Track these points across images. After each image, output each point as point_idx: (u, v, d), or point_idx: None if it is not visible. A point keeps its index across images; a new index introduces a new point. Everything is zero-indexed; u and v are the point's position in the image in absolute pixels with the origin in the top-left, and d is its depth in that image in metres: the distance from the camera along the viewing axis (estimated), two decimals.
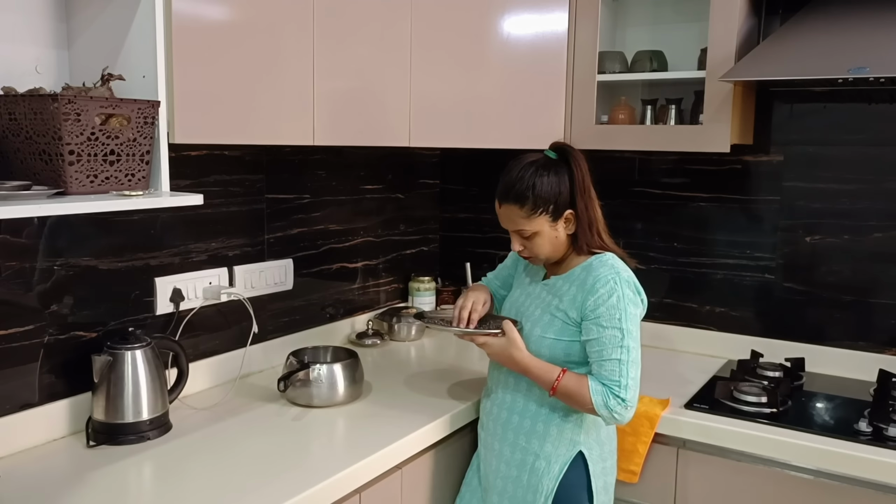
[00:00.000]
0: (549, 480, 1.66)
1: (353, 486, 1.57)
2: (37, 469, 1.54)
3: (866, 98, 2.18)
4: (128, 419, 1.66)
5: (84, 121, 1.35)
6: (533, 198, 1.63)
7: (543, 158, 1.68)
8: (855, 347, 2.25)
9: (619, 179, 2.56)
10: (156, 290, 1.88)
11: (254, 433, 1.74)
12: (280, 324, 2.25)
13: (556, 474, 1.66)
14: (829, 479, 1.73)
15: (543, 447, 1.68)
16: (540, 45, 2.24)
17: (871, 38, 1.87)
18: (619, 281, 1.61)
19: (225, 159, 2.03)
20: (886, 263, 2.19)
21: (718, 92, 2.07)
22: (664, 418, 1.90)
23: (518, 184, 1.64)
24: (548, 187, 1.63)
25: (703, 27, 2.16)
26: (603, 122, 2.34)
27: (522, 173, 1.65)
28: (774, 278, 2.35)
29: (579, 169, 1.66)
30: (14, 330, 1.60)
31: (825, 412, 1.97)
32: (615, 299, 1.60)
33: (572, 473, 1.67)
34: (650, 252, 2.54)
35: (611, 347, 1.59)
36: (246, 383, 2.06)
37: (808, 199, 2.28)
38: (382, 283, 2.67)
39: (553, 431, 1.67)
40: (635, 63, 2.30)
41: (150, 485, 1.51)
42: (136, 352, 1.68)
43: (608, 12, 2.39)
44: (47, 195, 1.34)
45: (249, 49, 1.66)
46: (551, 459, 1.67)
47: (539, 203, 1.63)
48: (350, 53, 1.93)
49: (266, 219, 2.17)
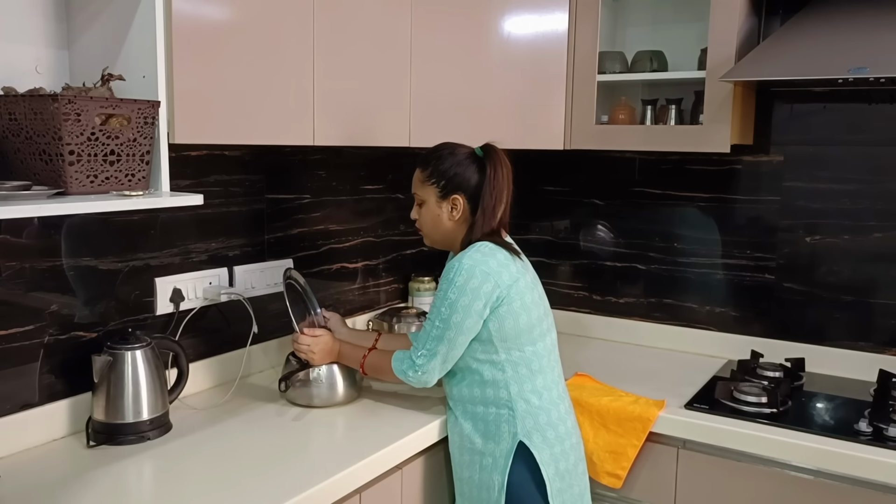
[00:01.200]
0: (497, 475, 1.69)
1: (354, 486, 1.57)
2: (37, 469, 1.53)
3: (866, 98, 2.18)
4: (128, 419, 1.66)
5: (84, 121, 1.35)
6: (432, 167, 1.78)
7: (469, 150, 1.80)
8: (855, 347, 2.25)
9: (619, 179, 2.56)
10: (156, 290, 1.88)
11: (254, 433, 1.73)
12: (280, 324, 2.25)
13: (503, 467, 1.69)
14: (829, 480, 1.73)
15: (486, 444, 1.72)
16: (540, 45, 2.24)
17: (871, 38, 1.87)
18: (465, 260, 1.68)
19: (225, 159, 2.03)
20: (886, 263, 2.19)
21: (718, 92, 2.07)
22: (664, 418, 1.90)
23: (432, 153, 1.81)
24: (449, 166, 1.77)
25: (703, 27, 2.16)
26: (603, 122, 2.34)
27: (442, 150, 1.80)
28: (774, 278, 2.35)
29: (494, 169, 1.75)
30: (14, 330, 1.60)
31: (825, 412, 1.97)
32: (452, 273, 1.68)
33: (519, 465, 1.69)
34: (650, 252, 2.54)
35: (430, 316, 1.72)
36: (246, 383, 2.06)
37: (808, 200, 2.28)
38: (382, 284, 2.67)
39: (491, 428, 1.72)
40: (635, 63, 2.30)
41: (150, 485, 1.51)
42: (137, 352, 1.68)
43: (608, 12, 2.39)
44: (47, 195, 1.34)
45: (249, 49, 1.66)
46: (496, 454, 1.70)
47: (434, 174, 1.78)
48: (350, 53, 1.93)
49: (266, 219, 2.17)
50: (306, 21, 1.79)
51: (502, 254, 1.71)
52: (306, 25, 1.79)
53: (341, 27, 1.89)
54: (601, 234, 2.63)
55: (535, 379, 1.72)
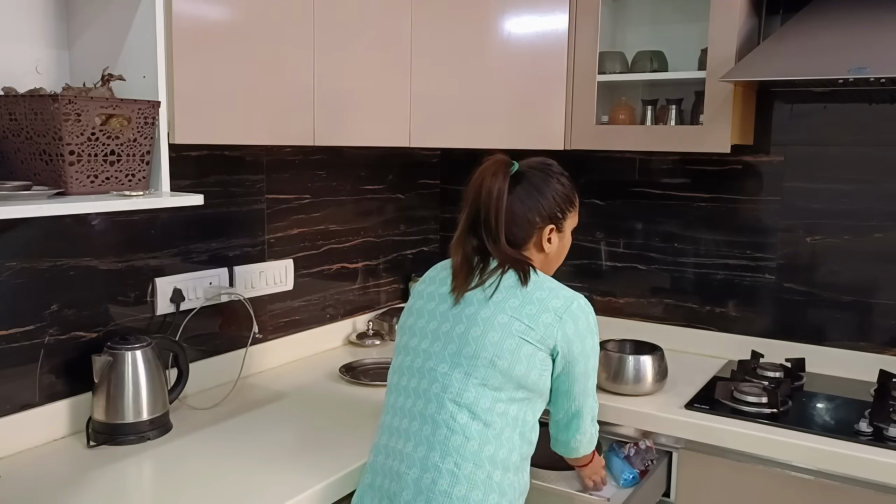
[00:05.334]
0: None
1: (354, 487, 1.57)
2: (37, 469, 1.54)
3: (866, 98, 2.18)
4: (128, 419, 1.66)
5: (84, 121, 1.35)
6: None
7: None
8: (855, 348, 2.25)
9: (619, 179, 2.56)
10: (156, 290, 1.88)
11: (254, 434, 1.73)
12: (280, 324, 2.25)
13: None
14: (829, 480, 1.73)
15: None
16: (540, 45, 2.24)
17: (871, 38, 1.87)
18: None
19: (225, 159, 2.03)
20: (887, 263, 2.19)
21: (719, 92, 2.06)
22: (664, 418, 1.90)
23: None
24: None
25: (703, 27, 2.16)
26: (603, 122, 2.34)
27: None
28: (775, 279, 2.35)
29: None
30: (14, 330, 1.60)
31: (825, 412, 1.97)
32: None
33: None
34: (650, 252, 2.54)
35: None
36: (246, 383, 2.06)
37: (809, 200, 2.28)
38: (383, 284, 2.67)
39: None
40: (635, 63, 2.30)
41: (150, 485, 1.51)
42: (137, 352, 1.68)
43: (608, 12, 2.39)
44: (47, 195, 1.34)
45: (249, 49, 1.66)
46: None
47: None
48: (350, 53, 1.93)
49: (266, 219, 2.17)
50: (306, 21, 1.79)
51: None
52: (306, 25, 1.79)
53: (341, 27, 1.89)
54: (601, 234, 2.63)
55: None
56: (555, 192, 1.52)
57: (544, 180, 1.52)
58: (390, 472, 1.42)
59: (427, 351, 1.45)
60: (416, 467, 1.38)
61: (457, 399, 1.39)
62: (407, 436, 1.42)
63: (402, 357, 1.50)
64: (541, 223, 1.51)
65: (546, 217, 1.51)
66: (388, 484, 1.41)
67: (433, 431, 1.39)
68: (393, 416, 1.46)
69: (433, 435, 1.38)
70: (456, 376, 1.40)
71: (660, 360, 2.03)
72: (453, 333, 1.43)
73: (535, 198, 1.50)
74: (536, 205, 1.50)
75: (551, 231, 1.53)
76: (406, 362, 1.48)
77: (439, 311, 1.47)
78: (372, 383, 2.08)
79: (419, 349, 1.46)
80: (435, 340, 1.45)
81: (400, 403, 1.46)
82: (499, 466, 1.38)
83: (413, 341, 1.48)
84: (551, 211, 1.51)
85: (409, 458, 1.40)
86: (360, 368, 2.20)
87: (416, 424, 1.41)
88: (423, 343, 1.46)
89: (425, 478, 1.36)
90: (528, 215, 1.49)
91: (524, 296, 1.42)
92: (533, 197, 1.50)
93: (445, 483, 1.35)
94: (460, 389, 1.39)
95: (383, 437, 1.47)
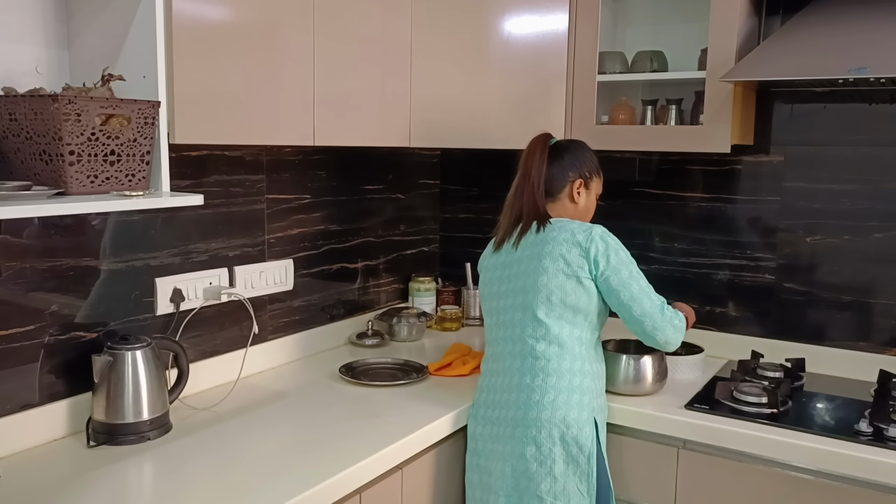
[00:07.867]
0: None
1: (354, 487, 1.57)
2: (37, 469, 1.53)
3: (866, 98, 2.18)
4: (128, 419, 1.66)
5: (84, 121, 1.35)
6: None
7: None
8: (855, 348, 2.25)
9: (619, 179, 2.56)
10: (156, 290, 1.88)
11: (254, 434, 1.74)
12: (280, 324, 2.25)
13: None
14: (829, 480, 1.73)
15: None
16: (540, 45, 2.24)
17: (871, 38, 1.87)
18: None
19: (225, 159, 2.03)
20: (887, 264, 2.19)
21: (719, 92, 2.06)
22: (664, 418, 1.90)
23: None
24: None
25: (703, 27, 2.16)
26: (603, 122, 2.34)
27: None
28: (775, 279, 2.35)
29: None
30: (14, 330, 1.60)
31: (825, 412, 1.97)
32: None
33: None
34: (650, 252, 2.54)
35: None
36: (246, 384, 2.06)
37: (809, 200, 2.28)
38: (383, 284, 2.67)
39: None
40: (635, 63, 2.30)
41: (150, 485, 1.51)
42: (137, 352, 1.68)
43: (608, 12, 2.39)
44: (47, 195, 1.34)
45: (249, 49, 1.66)
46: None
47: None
48: (350, 53, 1.93)
49: (266, 219, 2.17)
50: (306, 21, 1.79)
51: None
52: (306, 25, 1.79)
53: (341, 27, 1.89)
54: None
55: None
56: (585, 157, 1.93)
57: (578, 148, 1.94)
58: (495, 403, 1.85)
59: (502, 308, 1.87)
60: (514, 391, 1.81)
61: (533, 335, 1.80)
62: (504, 371, 1.85)
63: (488, 318, 1.93)
64: (572, 177, 1.89)
65: (577, 173, 1.90)
66: (497, 397, 1.85)
67: (522, 363, 1.81)
68: (493, 362, 1.89)
69: (522, 365, 1.81)
70: (527, 319, 1.81)
71: (660, 360, 2.03)
72: (515, 287, 1.84)
73: (569, 159, 1.90)
74: (570, 163, 1.90)
75: (580, 185, 1.90)
76: (492, 321, 1.91)
77: (497, 277, 1.89)
78: (372, 383, 2.08)
79: (497, 309, 1.89)
80: (506, 298, 1.87)
81: (497, 351, 1.89)
82: (577, 374, 1.79)
83: (491, 304, 1.91)
84: (580, 170, 1.90)
85: (507, 387, 1.83)
86: (360, 368, 2.20)
87: (507, 362, 1.85)
88: (498, 303, 1.89)
89: (521, 397, 1.79)
90: (563, 171, 1.89)
91: (553, 240, 1.80)
92: (567, 159, 1.90)
93: (537, 395, 1.77)
94: (534, 327, 1.80)
95: (485, 379, 1.91)
